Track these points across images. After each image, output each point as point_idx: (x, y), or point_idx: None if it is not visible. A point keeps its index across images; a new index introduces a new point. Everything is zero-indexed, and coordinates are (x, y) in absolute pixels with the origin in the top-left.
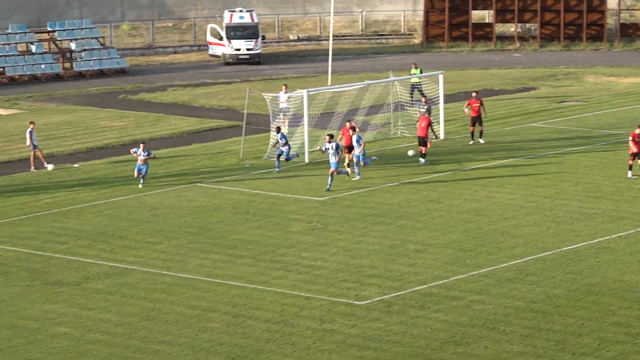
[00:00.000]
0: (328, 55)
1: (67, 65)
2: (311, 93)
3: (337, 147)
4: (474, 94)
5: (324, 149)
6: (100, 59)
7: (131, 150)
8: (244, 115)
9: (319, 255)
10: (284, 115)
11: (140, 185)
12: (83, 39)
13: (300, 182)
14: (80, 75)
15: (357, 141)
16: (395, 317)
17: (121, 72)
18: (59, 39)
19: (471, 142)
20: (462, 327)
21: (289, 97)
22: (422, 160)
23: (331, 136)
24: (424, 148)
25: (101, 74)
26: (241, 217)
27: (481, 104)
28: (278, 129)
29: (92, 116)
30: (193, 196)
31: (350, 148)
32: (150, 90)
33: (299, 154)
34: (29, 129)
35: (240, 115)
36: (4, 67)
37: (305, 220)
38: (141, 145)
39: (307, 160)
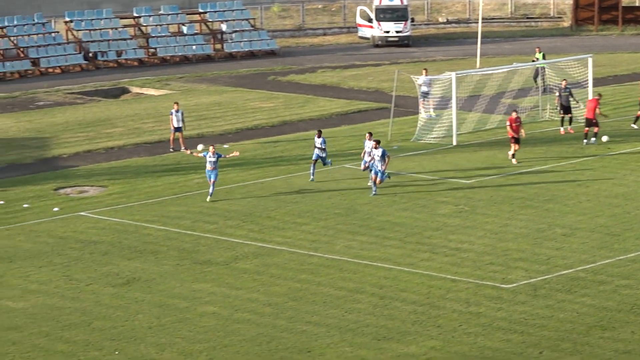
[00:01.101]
0: (477, 37)
1: (218, 46)
2: (459, 75)
3: (384, 154)
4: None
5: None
6: (250, 41)
7: (199, 153)
8: (393, 98)
9: (465, 238)
10: (424, 99)
11: (208, 198)
12: (234, 20)
13: (448, 165)
14: (231, 57)
15: (383, 156)
16: (541, 301)
17: (271, 54)
18: (210, 20)
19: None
20: (609, 311)
21: (429, 81)
22: (592, 140)
23: (378, 142)
24: (590, 129)
25: (251, 55)
26: (388, 199)
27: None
28: (319, 133)
29: (242, 97)
30: (341, 177)
31: (516, 140)
32: (300, 72)
33: (332, 162)
34: (173, 110)
35: (388, 98)
36: (155, 48)
37: (452, 202)
38: (211, 148)
39: (455, 143)
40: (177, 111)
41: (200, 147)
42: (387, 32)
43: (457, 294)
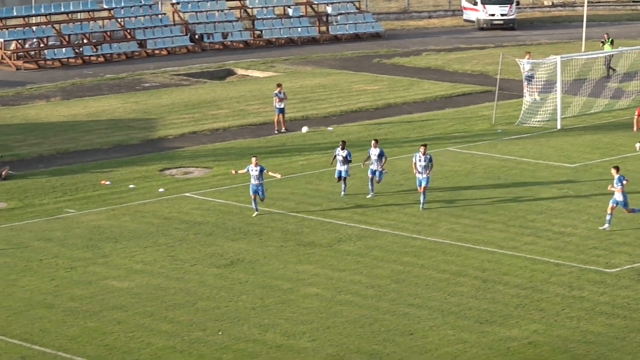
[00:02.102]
0: (582, 21)
1: (323, 28)
2: (564, 59)
3: (430, 159)
4: None
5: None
6: (355, 23)
7: (242, 170)
8: (497, 81)
9: (569, 222)
10: (528, 82)
11: (254, 214)
12: (339, 2)
13: (552, 149)
14: (336, 39)
15: (380, 155)
16: None
17: (376, 36)
18: (315, 2)
19: None
20: None
21: (531, 64)
22: None
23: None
24: None
25: (356, 37)
26: (492, 182)
27: None
28: (343, 144)
29: (347, 79)
30: (444, 161)
31: None
32: (404, 55)
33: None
34: (275, 91)
35: (493, 81)
36: (261, 30)
37: (556, 186)
38: (253, 159)
39: (559, 127)
40: (279, 92)
41: (304, 129)
42: (492, 15)
43: (560, 278)
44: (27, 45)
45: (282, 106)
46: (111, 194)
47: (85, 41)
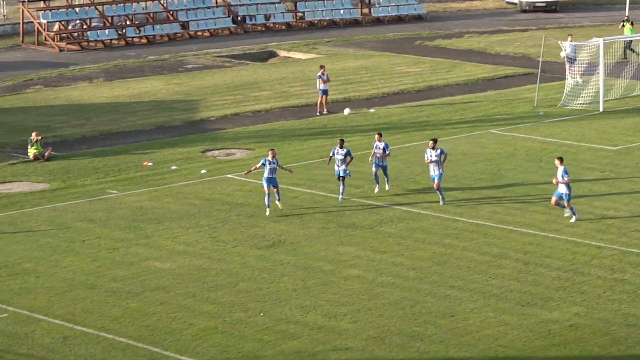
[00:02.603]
0: (625, 3)
1: (366, 10)
2: (607, 42)
3: (442, 152)
4: None
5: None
6: (397, 5)
7: (257, 165)
8: (539, 63)
9: (611, 204)
10: (570, 64)
11: (278, 204)
12: None
13: (594, 132)
14: (378, 21)
15: (384, 149)
16: None
17: (418, 19)
18: None
19: None
20: None
21: (574, 47)
22: None
23: (434, 140)
24: None
25: (398, 20)
26: (534, 165)
27: None
28: (341, 143)
29: (389, 61)
30: (486, 143)
31: None
32: (447, 37)
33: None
34: (319, 73)
35: (535, 63)
36: (303, 12)
37: (598, 169)
38: (270, 152)
39: (601, 109)
40: (323, 74)
41: (346, 111)
42: None
43: (601, 261)
44: (70, 27)
45: (325, 88)
46: (153, 175)
47: (128, 23)
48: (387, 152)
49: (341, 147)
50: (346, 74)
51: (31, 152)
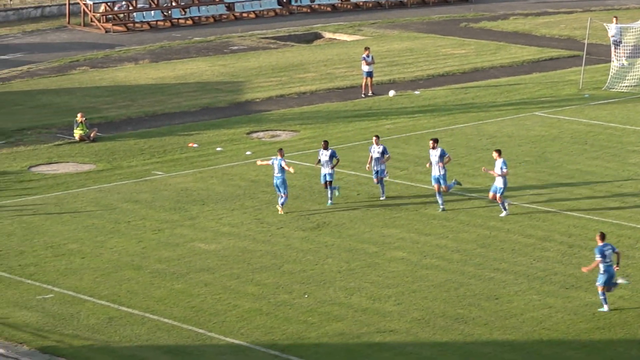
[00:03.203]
0: None
1: None
2: None
3: (442, 153)
4: None
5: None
6: None
7: (268, 161)
8: (585, 45)
9: None
10: (615, 47)
11: (279, 208)
12: None
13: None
14: (423, 3)
15: (383, 153)
16: None
17: (464, 0)
18: None
19: None
20: None
21: (620, 29)
22: None
23: (435, 140)
24: None
25: (444, 1)
26: (579, 148)
27: None
28: (325, 144)
29: (434, 43)
30: (531, 125)
31: None
32: (492, 19)
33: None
34: (364, 55)
35: (580, 45)
36: None
37: None
38: (279, 153)
39: None
40: (367, 56)
41: (391, 93)
42: None
43: None
44: (116, 8)
45: (370, 70)
46: (198, 157)
47: (173, 4)
48: (387, 155)
49: (325, 148)
50: (391, 55)
51: (77, 133)
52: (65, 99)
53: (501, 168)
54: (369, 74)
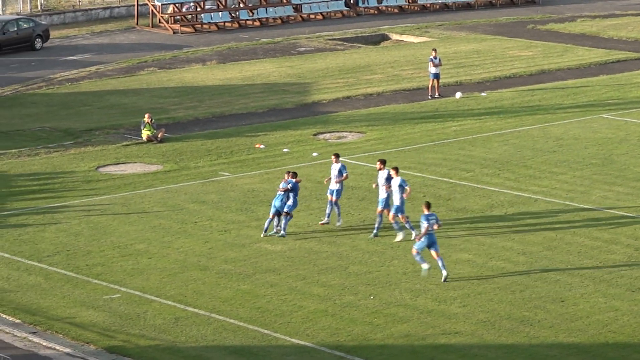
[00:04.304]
0: None
1: None
2: None
3: (402, 183)
4: None
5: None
6: None
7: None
8: None
9: None
10: None
11: (276, 232)
12: None
13: None
14: (491, 5)
15: (402, 185)
16: None
17: (531, 2)
18: None
19: None
20: None
21: None
22: None
23: (382, 161)
24: None
25: (511, 3)
26: None
27: None
28: (294, 175)
29: (501, 45)
30: (598, 127)
31: None
32: (559, 21)
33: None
34: (431, 57)
35: None
36: None
37: None
38: (286, 175)
39: None
40: (434, 58)
41: (458, 95)
42: None
43: None
44: (184, 9)
45: (437, 71)
46: (265, 158)
47: (241, 5)
48: (344, 174)
49: (293, 177)
50: (458, 57)
51: (144, 133)
52: (133, 100)
53: (402, 184)
54: (436, 76)
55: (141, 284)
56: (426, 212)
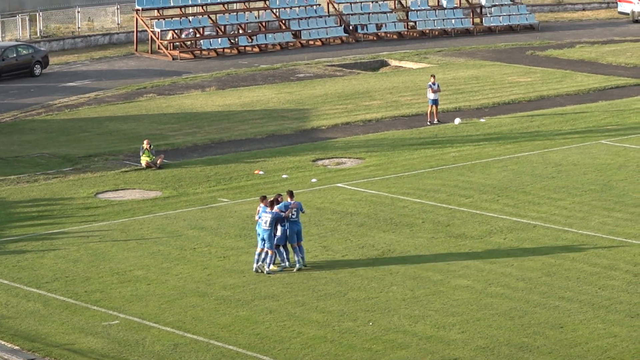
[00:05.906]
0: None
1: (477, 20)
2: None
3: (299, 208)
4: None
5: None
6: (509, 15)
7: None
8: None
9: None
10: None
11: (270, 266)
12: None
13: None
14: (489, 31)
15: (298, 211)
16: None
17: (529, 28)
18: None
19: None
20: None
21: None
22: None
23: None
24: None
25: (510, 29)
26: None
27: None
28: (272, 202)
29: (500, 71)
30: (597, 153)
31: None
32: (558, 47)
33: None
34: (429, 83)
35: None
36: (415, 22)
37: None
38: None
39: None
40: (433, 84)
41: (457, 120)
42: None
43: None
44: (183, 35)
45: (435, 97)
46: (264, 184)
47: (240, 31)
48: (302, 211)
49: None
50: (457, 83)
51: (143, 159)
52: (132, 126)
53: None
54: (435, 102)
55: (140, 310)
56: (290, 200)
